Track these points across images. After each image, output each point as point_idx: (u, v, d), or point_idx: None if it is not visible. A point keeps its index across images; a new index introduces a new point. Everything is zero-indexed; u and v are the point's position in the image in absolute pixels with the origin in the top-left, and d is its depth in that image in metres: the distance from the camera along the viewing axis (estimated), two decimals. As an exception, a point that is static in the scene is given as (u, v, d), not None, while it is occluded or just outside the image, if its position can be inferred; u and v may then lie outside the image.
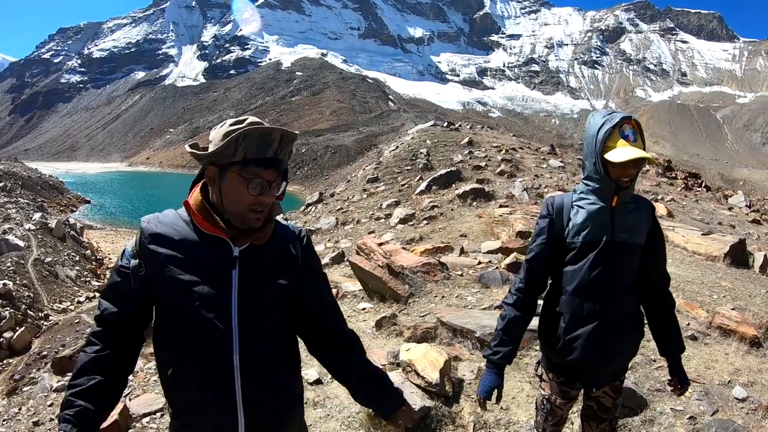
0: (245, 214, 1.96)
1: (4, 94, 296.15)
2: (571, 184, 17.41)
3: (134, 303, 2.00)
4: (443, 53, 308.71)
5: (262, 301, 2.00)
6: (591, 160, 2.62)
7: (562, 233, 2.70)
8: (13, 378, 14.29)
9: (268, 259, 2.05)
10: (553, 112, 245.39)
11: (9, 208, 37.50)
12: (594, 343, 2.65)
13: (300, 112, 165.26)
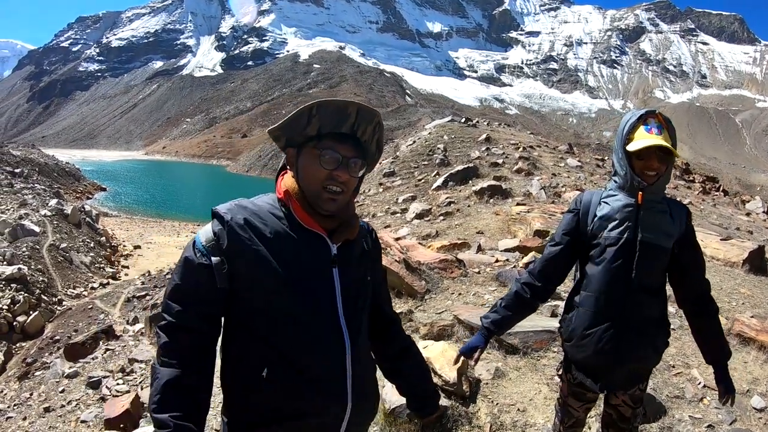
0: (319, 193, 1.80)
1: (22, 81, 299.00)
2: (589, 184, 17.36)
3: (217, 305, 1.79)
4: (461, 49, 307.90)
5: (358, 299, 1.92)
6: (618, 155, 2.59)
7: (586, 228, 2.67)
8: (26, 361, 14.38)
9: (355, 256, 1.95)
10: (571, 111, 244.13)
11: (26, 193, 37.80)
12: (606, 342, 2.61)
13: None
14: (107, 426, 4.88)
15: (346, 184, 1.81)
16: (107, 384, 6.02)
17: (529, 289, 2.81)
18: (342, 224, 1.88)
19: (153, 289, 19.44)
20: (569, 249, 2.74)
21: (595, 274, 2.63)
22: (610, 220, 2.59)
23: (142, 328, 9.33)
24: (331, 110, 1.76)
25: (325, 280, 1.83)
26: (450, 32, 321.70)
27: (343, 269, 1.86)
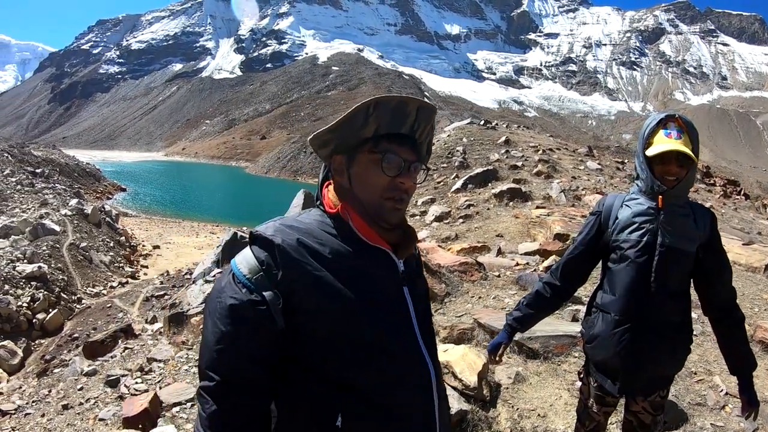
0: (381, 203, 1.57)
1: (43, 83, 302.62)
2: (609, 187, 17.28)
3: (276, 351, 1.50)
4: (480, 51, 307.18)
5: (426, 317, 1.72)
6: (638, 159, 2.60)
7: (608, 231, 2.69)
8: (45, 358, 14.49)
9: (416, 270, 1.75)
10: (590, 113, 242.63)
11: (46, 193, 38.21)
12: (626, 344, 2.60)
13: (335, 107, 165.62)
14: (125, 424, 4.88)
15: (408, 192, 1.60)
16: (126, 383, 6.02)
17: (550, 288, 2.87)
18: (405, 237, 1.67)
19: (171, 288, 19.54)
20: (590, 250, 2.77)
21: (616, 277, 2.63)
22: (630, 223, 2.59)
23: (161, 328, 9.34)
24: (391, 108, 1.56)
25: (398, 302, 1.60)
26: (468, 34, 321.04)
27: (411, 287, 1.64)
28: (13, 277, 19.52)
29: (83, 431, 5.19)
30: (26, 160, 51.02)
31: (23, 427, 5.77)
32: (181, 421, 4.90)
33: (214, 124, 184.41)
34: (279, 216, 1.68)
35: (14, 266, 20.24)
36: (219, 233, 32.71)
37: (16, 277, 19.57)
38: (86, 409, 5.70)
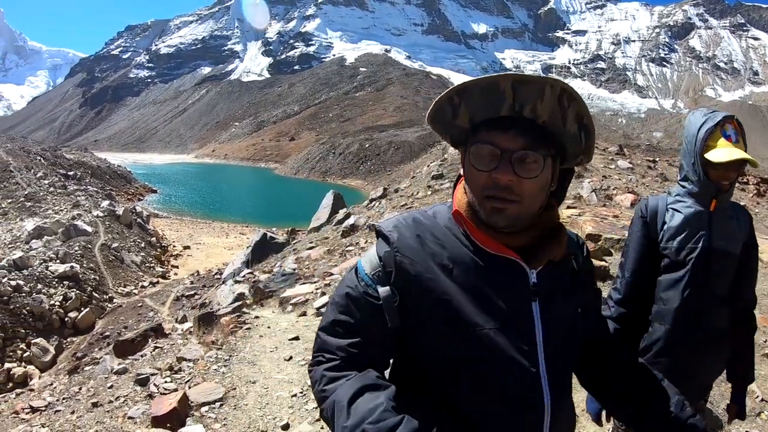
0: (481, 204, 1.35)
1: (75, 88, 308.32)
2: (640, 186, 17.12)
3: (387, 348, 1.44)
4: (507, 49, 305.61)
5: (566, 344, 1.45)
6: (690, 160, 2.46)
7: (657, 238, 2.53)
8: (76, 356, 14.59)
9: (563, 282, 1.47)
10: (620, 111, 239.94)
11: (79, 195, 38.72)
12: (685, 355, 2.49)
13: (364, 107, 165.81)
14: (154, 423, 4.83)
15: (514, 188, 1.31)
16: (155, 381, 5.99)
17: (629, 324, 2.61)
18: (542, 241, 1.42)
19: (201, 288, 19.58)
20: (648, 262, 2.57)
21: (670, 286, 2.49)
22: (683, 229, 2.45)
23: (191, 327, 9.27)
24: (477, 92, 1.30)
25: (521, 320, 1.37)
26: (495, 33, 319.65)
27: (547, 304, 1.40)
28: (46, 276, 19.76)
29: (112, 429, 5.14)
30: (59, 163, 51.87)
31: (53, 424, 5.75)
32: (210, 420, 4.88)
33: (243, 126, 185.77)
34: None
35: (47, 266, 20.49)
36: (249, 234, 32.80)
37: (48, 277, 19.81)
38: (116, 407, 5.68)
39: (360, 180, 77.19)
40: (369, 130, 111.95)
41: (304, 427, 4.66)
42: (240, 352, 6.61)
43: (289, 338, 6.95)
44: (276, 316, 8.68)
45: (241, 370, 6.01)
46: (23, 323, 17.46)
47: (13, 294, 18.10)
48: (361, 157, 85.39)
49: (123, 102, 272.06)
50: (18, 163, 44.11)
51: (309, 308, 8.49)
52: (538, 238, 1.42)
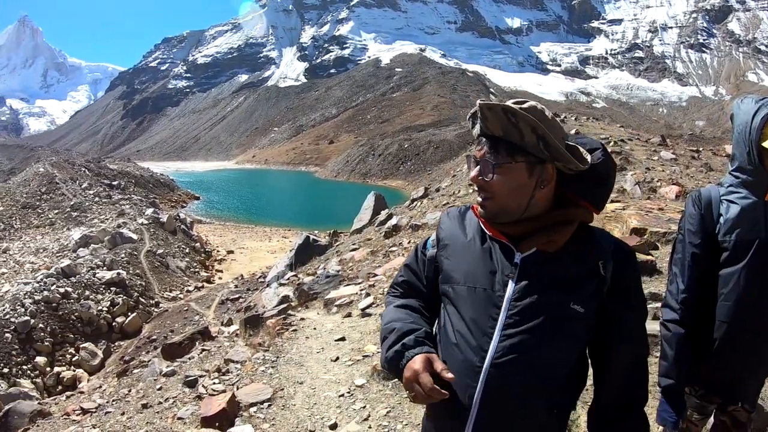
0: None
1: (115, 100, 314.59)
2: (685, 177, 16.74)
3: (423, 287, 1.98)
4: (543, 43, 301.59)
5: (539, 324, 1.67)
6: (743, 149, 2.35)
7: (714, 231, 2.41)
8: (124, 359, 14.84)
9: (562, 274, 1.70)
10: (660, 101, 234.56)
11: (123, 204, 39.51)
12: (755, 354, 2.40)
13: (401, 108, 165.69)
14: (203, 423, 4.90)
15: (485, 187, 1.74)
16: (203, 383, 6.05)
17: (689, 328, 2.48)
18: (534, 231, 1.73)
19: (246, 292, 19.74)
20: (707, 257, 2.45)
21: (731, 281, 2.37)
22: (740, 221, 2.35)
23: (237, 330, 9.31)
24: (473, 114, 1.79)
25: (492, 292, 1.73)
26: (530, 27, 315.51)
27: (527, 285, 1.69)
28: (93, 283, 20.22)
29: (162, 429, 5.18)
30: (103, 174, 53.02)
31: (104, 425, 5.84)
32: (258, 420, 4.91)
33: (282, 131, 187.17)
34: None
35: (94, 273, 20.96)
36: (291, 237, 33.02)
37: (96, 283, 20.27)
38: (165, 408, 5.74)
39: (401, 180, 77.16)
40: (407, 130, 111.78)
41: (351, 427, 4.65)
42: (287, 354, 6.62)
43: (335, 339, 6.94)
44: (321, 317, 8.67)
45: (289, 371, 6.01)
46: (72, 328, 17.91)
47: (62, 300, 18.57)
48: (401, 158, 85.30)
49: (163, 112, 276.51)
50: (63, 175, 45.20)
51: (354, 309, 8.45)
52: (532, 229, 1.73)
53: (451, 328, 1.80)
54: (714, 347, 2.45)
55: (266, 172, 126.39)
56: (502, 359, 1.66)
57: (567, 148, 1.70)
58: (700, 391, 2.57)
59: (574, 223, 1.74)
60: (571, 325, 1.69)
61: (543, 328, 1.66)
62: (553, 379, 1.71)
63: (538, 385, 1.69)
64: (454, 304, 1.80)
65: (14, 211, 35.87)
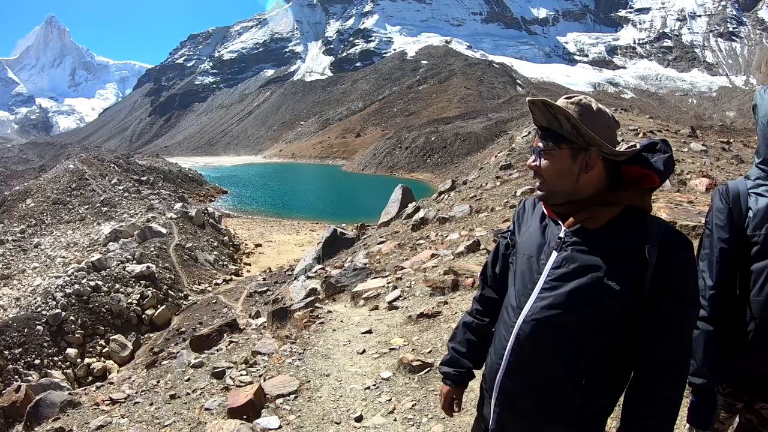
0: None
1: (143, 97, 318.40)
2: (715, 169, 16.35)
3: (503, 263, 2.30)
4: (569, 33, 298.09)
5: (571, 291, 1.85)
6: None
7: (742, 225, 2.35)
8: (153, 351, 15.02)
9: (601, 251, 1.85)
10: (690, 91, 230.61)
11: (152, 199, 39.96)
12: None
13: (427, 100, 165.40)
14: (231, 414, 4.90)
15: (538, 172, 1.98)
16: (231, 374, 6.11)
17: (723, 320, 2.42)
18: (578, 210, 1.92)
19: (274, 284, 19.85)
20: (736, 253, 2.38)
21: (761, 275, 2.30)
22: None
23: (264, 322, 9.33)
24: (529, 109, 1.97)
25: (541, 259, 1.96)
26: (556, 16, 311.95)
27: (566, 256, 1.89)
28: (123, 276, 20.50)
29: (190, 420, 5.21)
30: (132, 170, 53.64)
31: (132, 415, 5.88)
32: (284, 412, 4.93)
33: (309, 125, 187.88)
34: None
35: (124, 266, 21.25)
36: (319, 230, 33.13)
37: (126, 277, 20.55)
38: (193, 399, 5.78)
39: (428, 173, 77.15)
40: (434, 122, 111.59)
41: (377, 419, 4.64)
42: (314, 346, 6.62)
43: (361, 332, 6.93)
44: (348, 310, 8.67)
45: (315, 364, 6.02)
46: (102, 321, 18.23)
47: (93, 293, 18.89)
48: (428, 151, 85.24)
49: (190, 108, 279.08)
50: (93, 171, 45.85)
51: (381, 302, 8.43)
52: (576, 209, 1.93)
53: (507, 291, 2.11)
54: (745, 344, 2.38)
55: (294, 166, 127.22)
56: (533, 317, 1.89)
57: (612, 141, 1.91)
58: (728, 388, 2.52)
59: (618, 206, 1.88)
60: (605, 299, 1.81)
61: (575, 296, 1.83)
62: (585, 348, 1.86)
63: (566, 348, 1.86)
64: (513, 271, 2.10)
65: (45, 206, 36.53)
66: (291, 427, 4.67)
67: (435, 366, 5.37)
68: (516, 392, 1.95)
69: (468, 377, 2.37)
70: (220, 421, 4.70)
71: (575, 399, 1.87)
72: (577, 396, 1.86)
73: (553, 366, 1.87)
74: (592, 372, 1.85)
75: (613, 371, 1.90)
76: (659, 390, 1.86)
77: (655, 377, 1.87)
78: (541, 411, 1.92)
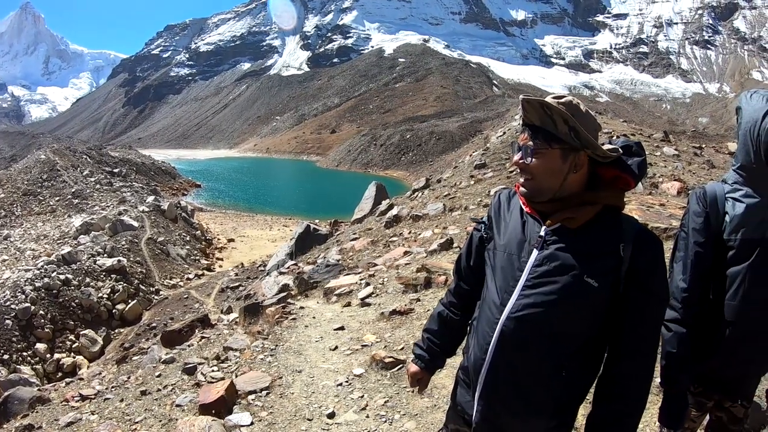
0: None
1: (117, 88, 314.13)
2: (687, 173, 16.73)
3: (477, 257, 2.33)
4: (547, 36, 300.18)
5: (553, 289, 1.90)
6: (750, 148, 2.33)
7: (719, 230, 2.40)
8: (124, 346, 14.91)
9: (580, 249, 1.92)
10: (664, 96, 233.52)
11: (125, 191, 39.53)
12: (758, 352, 2.41)
13: (404, 98, 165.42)
14: (202, 411, 4.90)
15: (525, 169, 2.00)
16: (202, 370, 6.10)
17: (696, 322, 2.47)
18: (560, 209, 1.97)
19: (246, 280, 19.78)
20: (712, 256, 2.44)
21: (738, 281, 2.37)
22: (747, 219, 2.34)
23: (237, 318, 9.33)
24: (519, 107, 2.04)
25: (521, 256, 1.99)
26: (534, 19, 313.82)
27: (547, 254, 1.94)
28: (94, 270, 20.27)
29: (161, 416, 5.21)
30: (104, 161, 53.02)
31: (102, 411, 5.87)
32: (256, 408, 4.95)
33: (284, 120, 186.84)
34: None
35: (95, 260, 21.01)
36: (292, 226, 33.03)
37: (96, 270, 20.33)
38: (164, 395, 5.77)
39: (402, 171, 77.25)
40: (410, 120, 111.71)
41: (349, 416, 4.67)
42: (285, 342, 6.62)
43: (334, 328, 6.94)
44: (321, 306, 8.67)
45: (287, 360, 6.02)
46: (72, 315, 17.99)
47: (63, 287, 18.62)
48: (403, 148, 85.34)
49: (165, 100, 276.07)
50: (65, 162, 45.18)
51: (353, 299, 8.45)
52: (558, 207, 1.97)
53: (486, 288, 2.13)
54: (719, 346, 2.44)
55: (268, 161, 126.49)
56: (517, 314, 1.93)
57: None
58: (699, 388, 2.57)
59: (598, 205, 1.94)
60: (585, 296, 1.87)
61: (556, 293, 1.88)
62: (565, 342, 1.93)
63: (548, 343, 1.92)
64: (492, 267, 2.11)
65: (15, 198, 35.93)
66: (263, 423, 4.67)
67: (407, 363, 5.42)
68: (501, 386, 1.99)
69: (438, 364, 2.49)
70: (191, 418, 4.68)
71: (556, 389, 1.94)
72: (558, 386, 1.94)
73: (536, 360, 1.93)
74: (571, 363, 1.93)
75: (589, 360, 1.99)
76: (628, 380, 1.93)
77: (625, 367, 1.94)
78: (525, 403, 1.97)
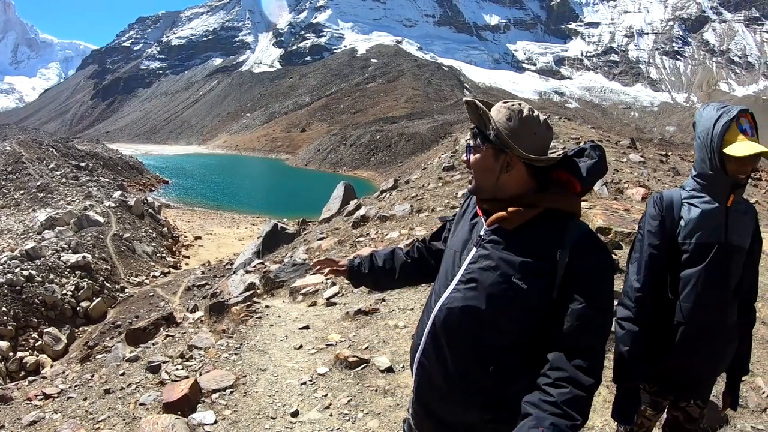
0: None
1: (86, 79, 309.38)
2: (652, 180, 17.11)
3: (436, 242, 2.57)
4: (519, 41, 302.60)
5: (483, 286, 1.95)
6: (706, 156, 2.44)
7: (674, 233, 2.50)
8: (88, 344, 14.75)
9: (513, 250, 1.95)
10: (633, 105, 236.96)
11: (90, 186, 38.99)
12: (712, 353, 2.51)
13: (375, 98, 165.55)
14: (166, 409, 4.90)
15: (468, 167, 2.10)
16: (166, 369, 6.10)
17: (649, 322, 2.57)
18: (499, 208, 2.00)
19: (212, 278, 19.71)
20: (665, 258, 2.55)
21: (691, 283, 2.47)
22: (702, 224, 2.43)
23: (202, 316, 9.34)
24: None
25: (462, 255, 2.08)
26: (508, 24, 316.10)
27: (483, 253, 2.00)
28: (58, 266, 19.95)
29: (124, 415, 5.21)
30: (71, 154, 52.15)
31: (65, 410, 5.83)
32: (220, 407, 4.97)
33: (255, 117, 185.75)
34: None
35: (59, 256, 20.67)
36: (260, 225, 32.88)
37: (60, 267, 20.00)
38: (127, 393, 5.76)
39: (371, 171, 77.30)
40: (380, 121, 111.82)
41: (312, 415, 4.72)
42: (250, 341, 6.65)
43: (299, 327, 6.97)
44: (286, 305, 8.71)
45: (252, 359, 6.05)
46: (35, 313, 17.64)
47: (26, 284, 18.28)
48: (373, 149, 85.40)
49: (134, 93, 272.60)
50: (30, 154, 44.39)
51: (319, 298, 8.52)
52: (499, 207, 2.00)
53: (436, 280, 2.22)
54: (672, 346, 2.53)
55: (237, 158, 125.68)
56: (448, 305, 2.01)
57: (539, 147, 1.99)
58: (654, 387, 2.66)
59: (536, 208, 1.96)
60: (513, 296, 1.89)
61: (486, 290, 1.93)
62: (492, 338, 1.94)
63: (474, 336, 1.96)
64: (442, 262, 2.23)
65: (-22, 190, 35.24)
66: (226, 422, 4.71)
67: (371, 362, 5.50)
68: (431, 370, 2.06)
69: (358, 273, 2.65)
70: (155, 416, 4.68)
71: (485, 382, 1.92)
72: (488, 380, 1.91)
73: (462, 350, 1.97)
74: (503, 359, 1.91)
75: (529, 359, 1.91)
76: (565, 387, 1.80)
77: (560, 373, 1.83)
78: (452, 389, 1.99)
